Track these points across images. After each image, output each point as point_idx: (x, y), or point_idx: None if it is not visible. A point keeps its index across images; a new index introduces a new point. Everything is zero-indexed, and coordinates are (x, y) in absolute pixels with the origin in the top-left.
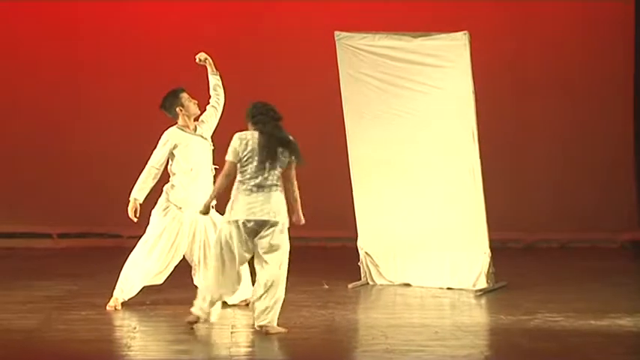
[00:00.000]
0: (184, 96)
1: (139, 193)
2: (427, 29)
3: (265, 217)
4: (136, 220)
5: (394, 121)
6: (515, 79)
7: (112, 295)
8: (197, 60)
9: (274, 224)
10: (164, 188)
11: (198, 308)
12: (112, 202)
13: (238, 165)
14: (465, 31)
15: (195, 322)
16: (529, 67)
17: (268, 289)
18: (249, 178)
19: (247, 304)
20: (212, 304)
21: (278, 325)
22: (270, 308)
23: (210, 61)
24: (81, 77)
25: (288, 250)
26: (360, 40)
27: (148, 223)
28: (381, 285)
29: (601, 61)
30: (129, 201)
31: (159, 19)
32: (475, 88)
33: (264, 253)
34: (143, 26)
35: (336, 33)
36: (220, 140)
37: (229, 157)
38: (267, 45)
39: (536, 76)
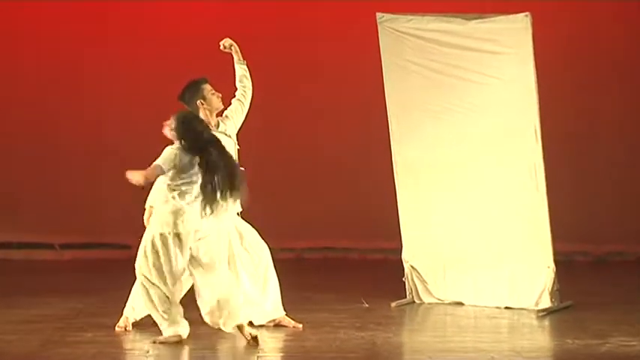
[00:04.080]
0: (207, 88)
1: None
2: (483, 10)
3: None
4: None
5: (445, 116)
6: (583, 69)
7: (121, 314)
8: (221, 47)
9: None
10: None
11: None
12: (121, 209)
13: None
14: (527, 13)
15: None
16: (599, 57)
17: None
18: None
19: (275, 325)
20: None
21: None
22: None
23: (237, 48)
24: (85, 76)
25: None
26: (406, 22)
27: None
28: (428, 304)
29: None
30: (143, 209)
31: (183, 11)
32: (537, 79)
33: None
34: (170, 22)
35: (378, 15)
36: (246, 138)
37: None
38: (300, 28)
39: (607, 66)
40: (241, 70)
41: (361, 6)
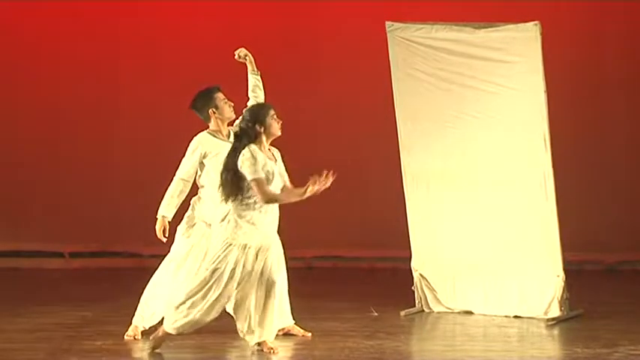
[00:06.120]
0: (219, 96)
1: (167, 209)
2: (492, 20)
3: None
4: (165, 240)
5: (454, 125)
6: (591, 78)
7: (130, 323)
8: (236, 56)
9: None
10: (191, 202)
11: None
12: (131, 217)
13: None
14: (536, 22)
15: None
16: (607, 64)
17: None
18: None
19: (284, 334)
20: None
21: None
22: None
23: (251, 58)
24: (96, 84)
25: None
26: (415, 31)
27: (173, 241)
28: (438, 312)
29: None
30: (155, 218)
31: (196, 20)
32: (547, 87)
33: None
34: (183, 31)
35: (388, 23)
36: None
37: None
38: (309, 37)
39: (616, 75)
40: (254, 80)
41: (371, 14)
